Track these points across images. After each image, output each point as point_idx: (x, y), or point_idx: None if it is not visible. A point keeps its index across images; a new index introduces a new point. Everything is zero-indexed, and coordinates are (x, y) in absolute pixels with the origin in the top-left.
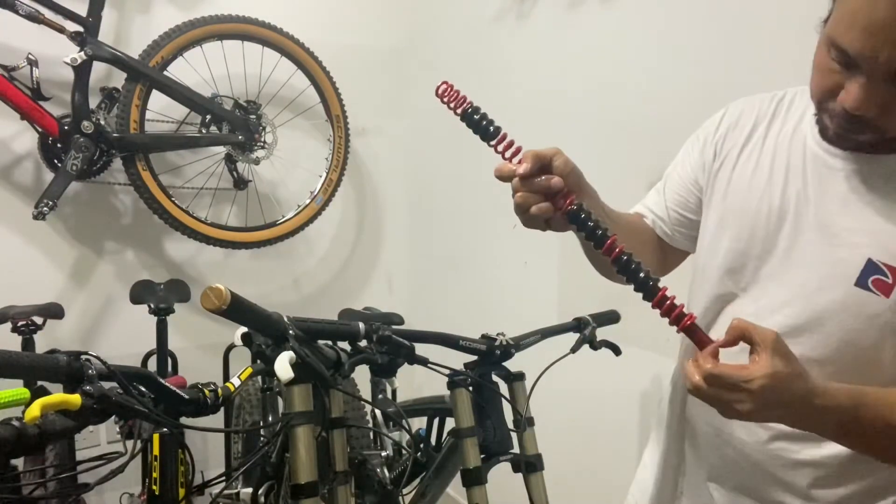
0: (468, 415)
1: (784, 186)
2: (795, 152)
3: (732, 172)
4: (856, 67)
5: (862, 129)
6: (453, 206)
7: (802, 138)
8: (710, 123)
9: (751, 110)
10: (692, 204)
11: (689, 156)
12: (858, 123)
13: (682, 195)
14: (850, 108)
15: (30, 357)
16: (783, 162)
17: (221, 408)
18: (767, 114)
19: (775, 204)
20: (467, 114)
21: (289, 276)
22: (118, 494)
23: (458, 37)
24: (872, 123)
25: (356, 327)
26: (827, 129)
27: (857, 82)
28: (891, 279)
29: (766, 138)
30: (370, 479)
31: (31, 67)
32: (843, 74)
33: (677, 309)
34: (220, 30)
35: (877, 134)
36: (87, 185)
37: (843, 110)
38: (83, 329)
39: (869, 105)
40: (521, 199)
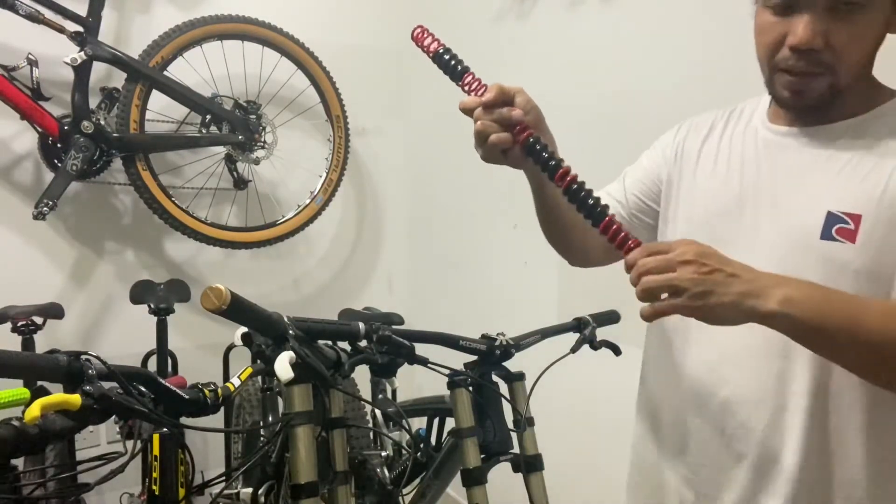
0: (468, 415)
1: (741, 177)
2: (748, 144)
3: (695, 173)
4: (795, 8)
5: (814, 68)
6: (453, 206)
7: (754, 130)
8: (668, 134)
9: (705, 119)
10: (654, 193)
11: (650, 156)
12: (810, 62)
13: (644, 183)
14: (799, 42)
15: (30, 357)
16: (738, 156)
17: (221, 408)
18: (721, 119)
19: (735, 194)
20: (438, 55)
21: (289, 276)
22: (118, 494)
23: (458, 37)
24: (823, 61)
25: (356, 327)
26: (781, 95)
27: (801, 20)
28: (853, 225)
29: (721, 138)
30: (370, 479)
31: (31, 67)
32: (784, 23)
33: (623, 234)
34: (220, 30)
35: (829, 76)
36: (87, 185)
37: (793, 54)
38: (83, 329)
39: (815, 36)
40: (481, 126)
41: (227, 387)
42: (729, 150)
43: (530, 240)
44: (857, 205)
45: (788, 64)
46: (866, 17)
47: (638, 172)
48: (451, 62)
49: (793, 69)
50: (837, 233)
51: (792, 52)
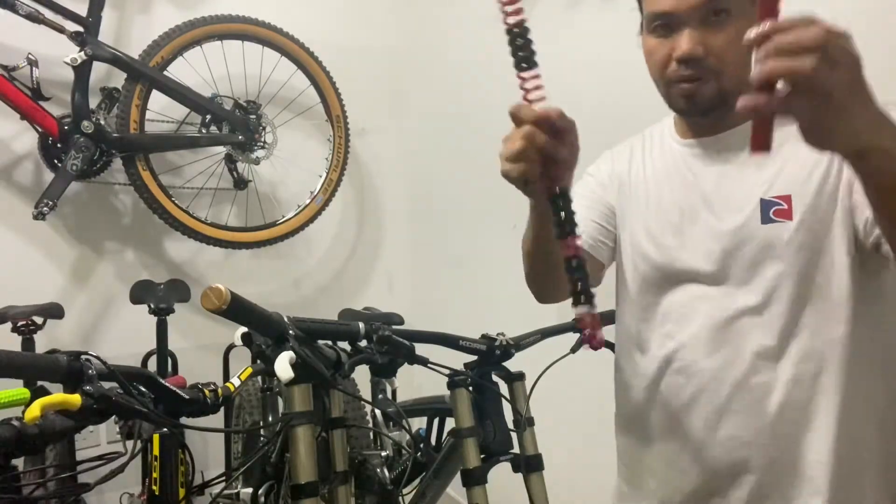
0: (468, 415)
1: (672, 194)
2: (669, 162)
3: (630, 198)
4: (676, 25)
5: (700, 73)
6: (453, 206)
7: (669, 149)
8: (594, 167)
9: (623, 148)
10: (607, 216)
11: (589, 186)
12: (696, 68)
13: (597, 209)
14: (683, 53)
15: (30, 357)
16: (663, 175)
17: (221, 408)
18: (637, 145)
19: (671, 210)
20: (515, 31)
21: (289, 276)
22: (118, 494)
23: (458, 37)
24: (708, 67)
25: (356, 327)
26: (678, 105)
27: (681, 35)
28: (786, 205)
29: (644, 163)
30: (370, 479)
31: (31, 67)
32: (668, 42)
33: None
34: (220, 30)
35: (715, 81)
36: (87, 185)
37: (680, 65)
38: (83, 329)
39: (695, 45)
40: (525, 146)
41: (227, 387)
42: (654, 171)
43: None
44: (783, 187)
45: (678, 74)
46: (737, 24)
47: (585, 200)
48: (530, 46)
49: (682, 78)
50: (775, 214)
51: (679, 64)
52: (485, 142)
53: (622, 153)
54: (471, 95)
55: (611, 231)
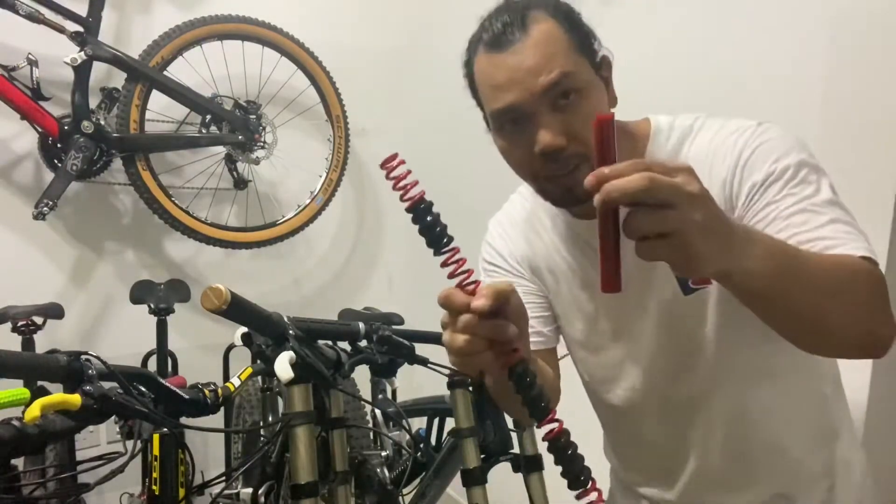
0: (468, 415)
1: (585, 274)
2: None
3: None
4: (525, 119)
5: (570, 164)
6: (453, 206)
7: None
8: (487, 255)
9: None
10: (543, 304)
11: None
12: (565, 161)
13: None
14: (545, 147)
15: (30, 357)
16: (569, 266)
17: (221, 408)
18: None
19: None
20: (419, 208)
21: (289, 276)
22: (118, 494)
23: (459, 37)
24: (575, 153)
25: (356, 327)
26: (557, 198)
27: (536, 128)
28: None
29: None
30: (370, 479)
31: (31, 67)
32: (522, 136)
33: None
34: (220, 30)
35: (586, 164)
36: (87, 185)
37: (545, 160)
38: (83, 329)
39: (556, 135)
40: (466, 343)
41: (227, 387)
42: (567, 260)
43: None
44: None
45: (547, 171)
46: (590, 100)
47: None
48: (436, 226)
49: (553, 173)
50: (694, 283)
51: (544, 158)
52: (484, 142)
53: (517, 239)
54: (471, 95)
55: (548, 315)
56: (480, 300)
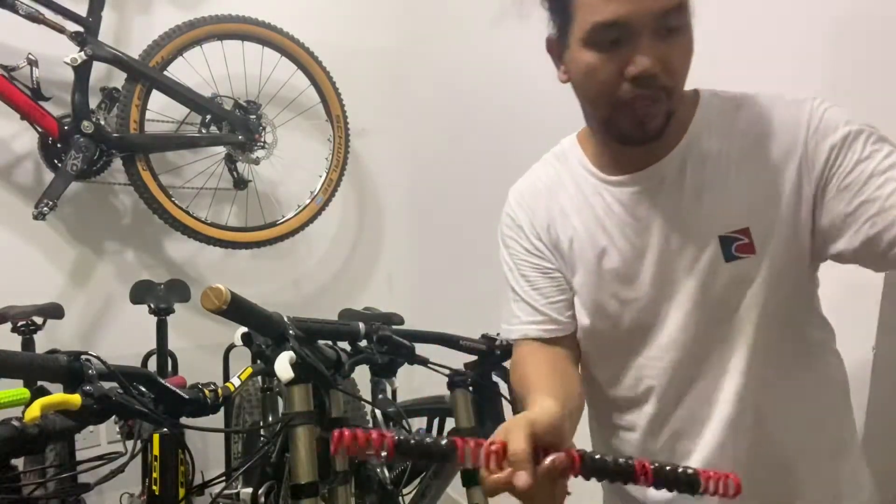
0: (468, 415)
1: (619, 249)
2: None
3: (576, 260)
4: (625, 39)
5: (657, 95)
6: (453, 206)
7: (598, 195)
8: (509, 229)
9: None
10: (562, 286)
11: (528, 266)
12: (654, 89)
13: (550, 286)
14: (644, 70)
15: (30, 357)
16: (601, 229)
17: (221, 408)
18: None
19: (623, 265)
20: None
21: (289, 276)
22: (118, 494)
23: (459, 37)
24: (663, 85)
25: (356, 327)
26: (625, 130)
27: (636, 49)
28: (746, 239)
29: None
30: (370, 479)
31: (31, 67)
32: (616, 60)
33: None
34: (220, 30)
35: (667, 101)
36: (87, 185)
37: (634, 85)
38: (83, 329)
39: (654, 62)
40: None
41: (227, 387)
42: (585, 221)
43: None
44: (738, 220)
45: (632, 94)
46: (685, 38)
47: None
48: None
49: (637, 99)
50: (738, 250)
51: (633, 83)
52: (485, 142)
53: (536, 206)
54: (471, 95)
55: (567, 299)
56: (521, 478)
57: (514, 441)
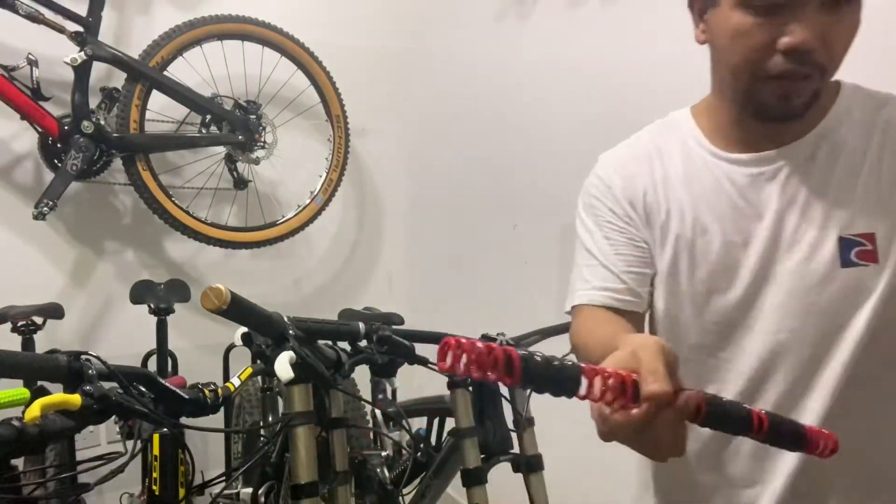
0: (468, 415)
1: (717, 223)
2: (705, 181)
3: (664, 229)
4: (788, 5)
5: (808, 72)
6: (453, 206)
7: (704, 162)
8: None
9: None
10: (644, 260)
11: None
12: (808, 66)
13: (633, 254)
14: (800, 43)
15: (30, 357)
16: (703, 197)
17: (221, 408)
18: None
19: (718, 247)
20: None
21: (289, 276)
22: (118, 494)
23: (459, 37)
24: (818, 62)
25: (356, 327)
26: (766, 103)
27: (796, 20)
28: (870, 245)
29: (669, 179)
30: (370, 479)
31: (31, 67)
32: (771, 24)
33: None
34: (220, 30)
35: (817, 80)
36: (87, 185)
37: (786, 58)
38: (83, 329)
39: (814, 37)
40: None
41: (227, 387)
42: (690, 195)
43: (530, 240)
44: (864, 223)
45: (781, 68)
46: (852, 16)
47: (617, 246)
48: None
49: (786, 73)
50: (858, 256)
51: (786, 56)
52: (484, 142)
53: (634, 170)
54: (471, 95)
55: (648, 274)
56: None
57: (652, 367)
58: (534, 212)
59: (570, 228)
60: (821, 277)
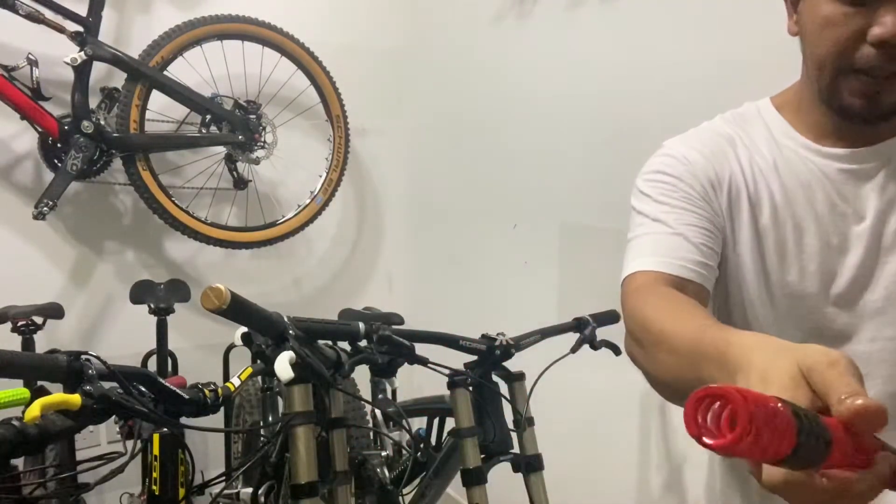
0: (468, 415)
1: (813, 220)
2: (799, 174)
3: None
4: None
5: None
6: (453, 206)
7: (796, 155)
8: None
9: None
10: (716, 238)
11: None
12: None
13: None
14: (890, 36)
15: (30, 357)
16: (795, 191)
17: (221, 408)
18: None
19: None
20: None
21: (289, 276)
22: (118, 494)
23: (458, 37)
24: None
25: (356, 327)
26: (849, 102)
27: (888, 8)
28: None
29: (756, 168)
30: (370, 479)
31: (31, 67)
32: (862, 14)
33: None
34: (220, 30)
35: None
36: (87, 185)
37: (878, 51)
38: (83, 329)
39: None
40: None
41: (227, 387)
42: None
43: (530, 240)
44: None
45: (871, 63)
46: None
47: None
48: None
49: (874, 69)
50: None
51: (877, 49)
52: (484, 142)
53: (718, 152)
54: (470, 95)
55: (719, 255)
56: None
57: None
58: (534, 212)
59: (570, 228)
60: None
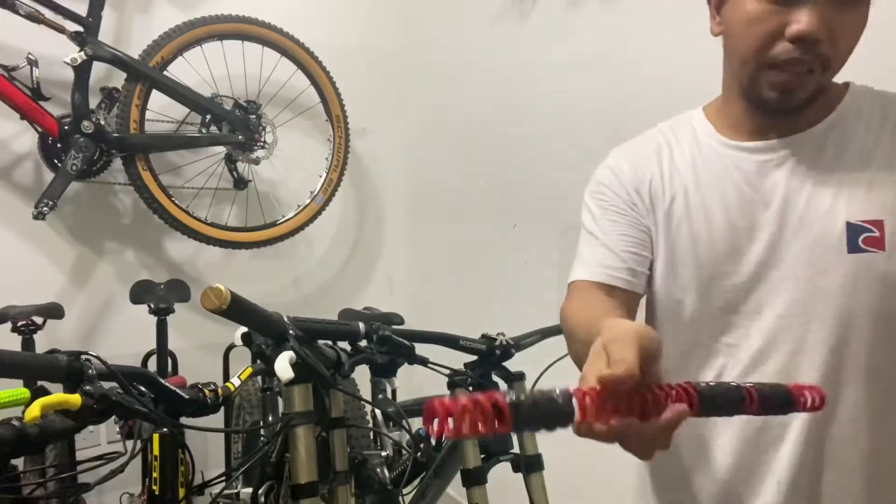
0: None
1: (723, 210)
2: (713, 168)
3: (668, 216)
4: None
5: (812, 62)
6: (453, 206)
7: (717, 154)
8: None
9: (638, 150)
10: (645, 242)
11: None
12: (811, 55)
13: (633, 236)
14: (805, 32)
15: (30, 357)
16: (709, 185)
17: (221, 408)
18: (659, 146)
19: (722, 232)
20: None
21: (289, 276)
22: (118, 494)
23: (458, 37)
24: (822, 55)
25: (356, 327)
26: (766, 96)
27: (805, 8)
28: (878, 232)
29: (676, 168)
30: (370, 479)
31: (31, 67)
32: (782, 13)
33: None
34: (220, 30)
35: (821, 74)
36: (87, 185)
37: (794, 47)
38: (83, 329)
39: (821, 26)
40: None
41: (227, 387)
42: (696, 182)
43: (530, 240)
44: (874, 211)
45: (786, 58)
46: (860, 12)
47: (617, 227)
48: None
49: (789, 63)
50: (865, 243)
51: (793, 45)
52: (484, 142)
53: (643, 159)
54: (470, 95)
55: (647, 258)
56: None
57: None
58: (534, 212)
59: (570, 228)
60: (827, 262)
